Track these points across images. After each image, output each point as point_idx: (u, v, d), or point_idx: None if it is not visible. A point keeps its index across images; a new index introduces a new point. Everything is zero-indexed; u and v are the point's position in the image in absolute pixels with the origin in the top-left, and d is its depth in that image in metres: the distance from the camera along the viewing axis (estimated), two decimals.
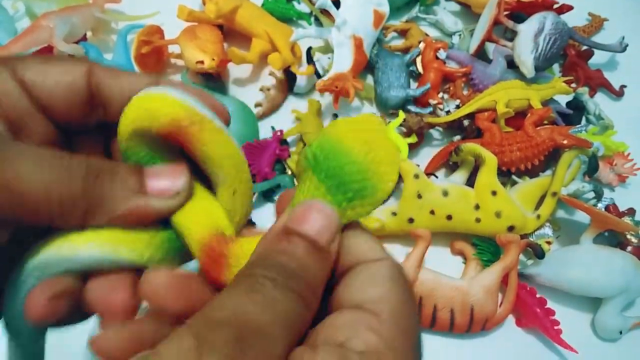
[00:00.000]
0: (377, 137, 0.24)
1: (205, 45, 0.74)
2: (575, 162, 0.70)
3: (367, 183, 0.23)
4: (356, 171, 0.23)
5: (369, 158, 0.23)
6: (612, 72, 0.89)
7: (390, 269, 0.23)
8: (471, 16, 0.88)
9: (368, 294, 0.22)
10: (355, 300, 0.22)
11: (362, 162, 0.23)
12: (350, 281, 0.23)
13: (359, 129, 0.24)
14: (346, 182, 0.23)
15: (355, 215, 0.24)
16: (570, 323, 0.65)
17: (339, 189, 0.23)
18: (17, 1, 0.83)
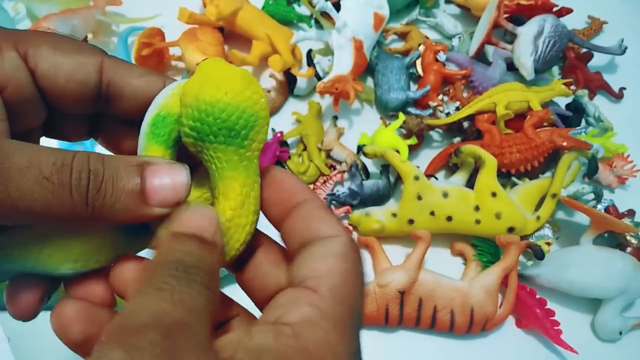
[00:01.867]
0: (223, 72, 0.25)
1: (205, 47, 0.75)
2: (575, 163, 0.70)
3: (247, 112, 0.25)
4: (232, 111, 0.24)
5: (233, 93, 0.24)
6: (611, 74, 0.89)
7: (340, 245, 0.24)
8: (471, 19, 0.89)
9: (311, 270, 0.23)
10: (299, 278, 0.24)
11: (230, 101, 0.24)
12: (300, 259, 0.25)
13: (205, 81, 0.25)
14: (232, 126, 0.24)
15: (260, 143, 0.26)
16: (570, 324, 0.65)
17: (232, 135, 0.25)
18: (18, 3, 0.83)
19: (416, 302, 0.62)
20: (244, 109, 0.24)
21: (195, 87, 0.25)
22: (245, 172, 0.26)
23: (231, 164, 0.25)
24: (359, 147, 0.75)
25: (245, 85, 0.25)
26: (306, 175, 0.72)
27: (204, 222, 0.23)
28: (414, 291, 0.62)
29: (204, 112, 0.24)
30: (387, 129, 0.73)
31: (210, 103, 0.24)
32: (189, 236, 0.23)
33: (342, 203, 0.71)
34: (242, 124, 0.25)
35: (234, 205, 0.25)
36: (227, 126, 0.24)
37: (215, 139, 0.24)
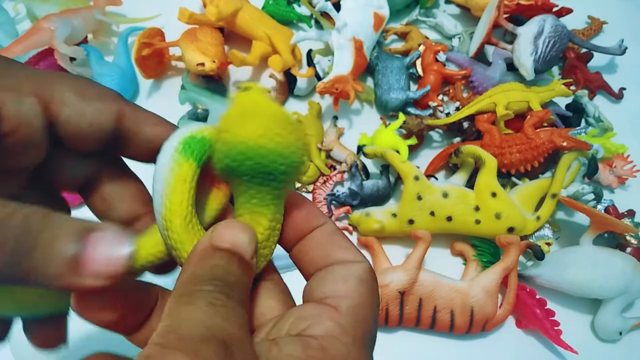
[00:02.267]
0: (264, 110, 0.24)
1: (206, 47, 0.75)
2: (575, 164, 0.70)
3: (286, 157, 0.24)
4: (273, 156, 0.23)
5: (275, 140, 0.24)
6: (611, 74, 0.89)
7: (360, 271, 0.25)
8: (471, 19, 0.89)
9: (333, 290, 0.25)
10: (319, 295, 0.25)
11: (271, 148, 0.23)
12: (320, 278, 0.26)
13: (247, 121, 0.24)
14: (271, 170, 0.24)
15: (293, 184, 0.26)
16: (570, 324, 0.65)
17: (269, 178, 0.24)
18: (18, 3, 0.83)
19: (416, 302, 0.62)
20: (286, 156, 0.24)
21: (236, 124, 0.24)
22: (274, 210, 0.26)
23: (263, 201, 0.25)
24: (359, 147, 0.75)
25: (290, 131, 0.24)
26: (306, 176, 0.72)
27: (245, 241, 0.24)
28: (414, 291, 0.62)
29: (244, 154, 0.23)
30: (387, 129, 0.73)
31: (251, 147, 0.23)
32: (230, 253, 0.23)
33: (342, 203, 0.71)
34: (282, 170, 0.24)
35: (261, 239, 0.25)
36: (266, 171, 0.24)
37: (252, 179, 0.24)
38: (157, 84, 0.81)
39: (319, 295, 0.25)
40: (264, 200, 0.25)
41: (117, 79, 0.75)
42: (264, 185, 0.25)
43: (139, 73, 0.78)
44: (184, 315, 0.20)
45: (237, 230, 0.24)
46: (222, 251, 0.23)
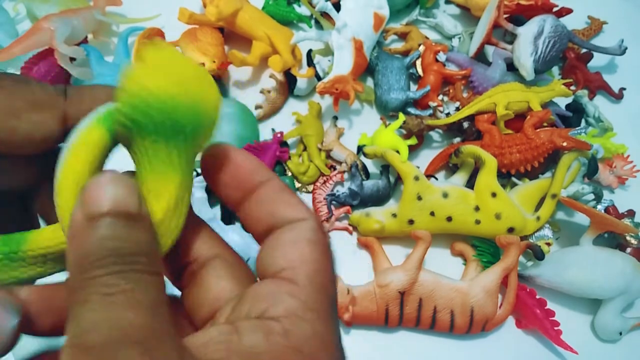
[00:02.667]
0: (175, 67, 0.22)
1: (206, 47, 0.75)
2: (575, 164, 0.70)
3: (196, 109, 0.22)
4: (180, 106, 0.22)
5: (183, 86, 0.22)
6: (611, 74, 0.89)
7: (309, 230, 0.24)
8: (471, 19, 0.89)
9: (285, 260, 0.23)
10: (273, 268, 0.23)
11: (178, 97, 0.22)
12: (271, 246, 0.24)
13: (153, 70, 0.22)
14: (178, 121, 0.22)
15: (204, 144, 0.24)
16: (570, 324, 0.65)
17: (176, 131, 0.22)
18: (18, 3, 0.83)
19: (416, 303, 0.62)
20: (194, 108, 0.22)
21: (142, 74, 0.21)
22: (182, 173, 0.23)
23: (168, 162, 0.22)
24: (359, 147, 0.75)
25: (200, 82, 0.22)
26: (306, 176, 0.72)
27: (122, 192, 0.20)
28: (414, 291, 0.62)
29: (149, 102, 0.21)
30: (387, 129, 0.73)
31: (158, 93, 0.21)
32: (110, 215, 0.19)
33: (342, 203, 0.71)
34: (190, 121, 0.22)
35: (167, 207, 0.23)
36: (173, 122, 0.22)
37: (156, 132, 0.22)
38: None
39: (273, 268, 0.23)
40: (170, 161, 0.22)
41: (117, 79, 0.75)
42: (170, 141, 0.22)
43: None
44: (84, 318, 0.18)
45: (106, 184, 0.20)
46: (101, 217, 0.19)
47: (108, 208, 0.19)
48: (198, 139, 0.23)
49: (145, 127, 0.22)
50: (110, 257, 0.19)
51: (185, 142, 0.22)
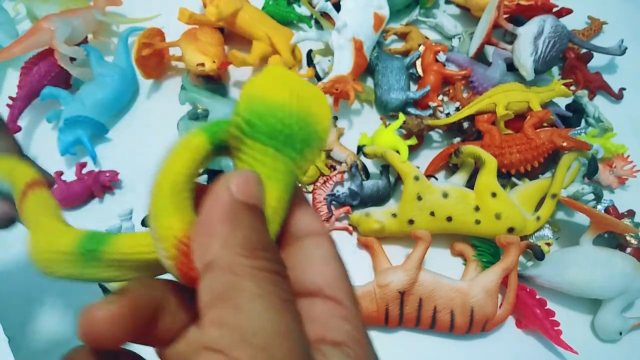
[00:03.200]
0: (296, 83, 0.24)
1: (206, 47, 0.75)
2: (575, 164, 0.70)
3: (309, 127, 0.23)
4: (297, 120, 0.23)
5: (302, 104, 0.23)
6: (611, 74, 0.89)
7: (330, 245, 0.24)
8: (471, 19, 0.89)
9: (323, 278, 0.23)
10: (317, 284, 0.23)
11: (297, 110, 0.23)
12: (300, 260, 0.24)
13: (276, 82, 0.23)
14: (292, 134, 0.22)
15: (309, 164, 0.24)
16: (570, 324, 0.65)
17: (288, 144, 0.23)
18: (18, 3, 0.83)
19: (416, 303, 0.62)
20: (310, 123, 0.23)
21: (266, 85, 0.23)
22: (283, 188, 0.23)
23: (273, 173, 0.23)
24: (359, 147, 0.75)
25: (317, 99, 0.23)
26: (306, 176, 0.72)
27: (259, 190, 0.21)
28: (414, 291, 0.62)
29: (268, 109, 0.22)
30: (387, 129, 0.73)
31: (279, 103, 0.22)
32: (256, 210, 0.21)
33: (342, 203, 0.71)
34: (302, 137, 0.23)
35: (268, 212, 0.23)
36: (287, 132, 0.22)
37: (269, 141, 0.22)
38: (157, 84, 0.81)
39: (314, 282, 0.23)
40: (277, 168, 0.23)
41: (117, 79, 0.75)
42: (279, 151, 0.22)
43: (139, 73, 0.78)
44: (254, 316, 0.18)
45: (253, 179, 0.21)
46: (249, 208, 0.20)
47: (257, 203, 0.21)
48: (305, 155, 0.23)
49: (261, 131, 0.22)
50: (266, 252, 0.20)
51: (293, 155, 0.23)
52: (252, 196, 0.21)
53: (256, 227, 0.20)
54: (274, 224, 0.23)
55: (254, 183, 0.21)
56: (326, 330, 0.22)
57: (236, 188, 0.20)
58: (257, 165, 0.23)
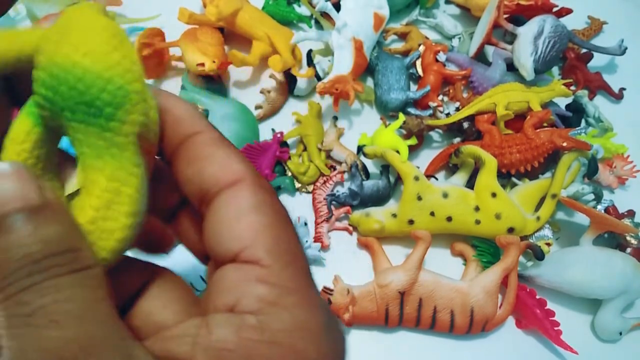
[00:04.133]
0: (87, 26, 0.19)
1: (206, 47, 0.75)
2: (575, 164, 0.70)
3: (113, 83, 0.19)
4: (92, 81, 0.18)
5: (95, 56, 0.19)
6: (611, 74, 0.89)
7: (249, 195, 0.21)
8: (471, 19, 0.89)
9: (238, 239, 0.20)
10: (227, 249, 0.20)
11: (90, 65, 0.18)
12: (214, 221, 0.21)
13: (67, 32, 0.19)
14: (91, 100, 0.18)
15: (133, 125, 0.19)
16: (570, 324, 0.65)
17: (92, 113, 0.19)
18: (18, 3, 0.83)
19: (416, 303, 0.62)
20: (108, 79, 0.18)
21: (52, 43, 0.19)
22: (114, 163, 0.19)
23: (95, 150, 0.19)
24: (359, 147, 0.75)
25: (113, 46, 0.19)
26: (306, 176, 0.72)
27: (15, 185, 0.17)
28: (414, 291, 0.62)
29: (56, 78, 0.18)
30: (387, 129, 0.73)
31: (64, 67, 0.18)
32: (6, 216, 0.17)
33: (342, 203, 0.71)
34: (106, 99, 0.18)
35: (97, 205, 0.19)
36: (85, 100, 0.18)
37: (72, 115, 0.19)
38: (157, 84, 0.81)
39: (226, 250, 0.20)
40: (94, 148, 0.19)
41: None
42: (88, 125, 0.19)
43: None
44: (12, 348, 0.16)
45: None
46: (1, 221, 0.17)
47: (4, 209, 0.17)
48: (123, 120, 0.19)
49: (59, 109, 0.19)
50: (23, 269, 0.16)
51: (108, 125, 0.19)
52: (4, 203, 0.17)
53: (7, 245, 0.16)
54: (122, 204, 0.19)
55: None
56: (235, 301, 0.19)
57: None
58: (82, 146, 0.19)
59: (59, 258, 0.17)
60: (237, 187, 0.21)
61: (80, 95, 0.18)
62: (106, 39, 0.19)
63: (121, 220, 0.19)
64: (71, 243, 0.18)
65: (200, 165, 0.21)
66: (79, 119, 0.19)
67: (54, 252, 0.17)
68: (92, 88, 0.18)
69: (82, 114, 0.19)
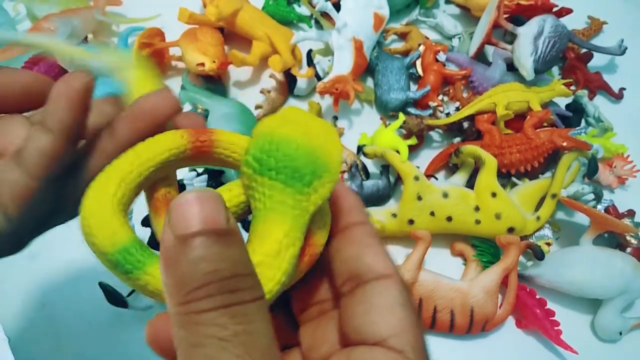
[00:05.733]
0: (306, 119, 0.25)
1: (206, 47, 0.75)
2: (575, 164, 0.70)
3: (318, 161, 0.23)
4: (303, 154, 0.23)
5: (307, 137, 0.23)
6: (611, 74, 0.89)
7: (399, 290, 0.23)
8: (471, 19, 0.89)
9: (387, 327, 0.22)
10: (375, 334, 0.22)
11: (304, 143, 0.23)
12: (364, 306, 0.23)
13: (285, 120, 0.24)
14: (298, 167, 0.23)
15: (320, 198, 0.23)
16: (570, 324, 0.65)
17: (295, 177, 0.23)
18: (18, 3, 0.83)
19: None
20: (317, 155, 0.23)
21: (275, 123, 0.24)
22: (293, 222, 0.22)
23: (282, 207, 0.22)
24: (359, 147, 0.75)
25: (327, 134, 0.24)
26: None
27: (210, 208, 0.19)
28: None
29: (274, 145, 0.23)
30: (387, 129, 0.73)
31: (284, 138, 0.23)
32: (201, 234, 0.18)
33: None
34: (310, 169, 0.23)
35: (268, 252, 0.22)
36: (293, 165, 0.23)
37: (276, 175, 0.23)
38: None
39: (372, 334, 0.22)
40: (282, 205, 0.22)
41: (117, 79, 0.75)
42: (287, 186, 0.23)
43: None
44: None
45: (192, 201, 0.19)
46: (192, 238, 0.18)
47: (198, 227, 0.18)
48: (315, 187, 0.23)
49: (266, 169, 0.23)
50: (211, 285, 0.18)
51: (302, 189, 0.23)
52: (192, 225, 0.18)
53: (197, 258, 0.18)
54: (286, 257, 0.22)
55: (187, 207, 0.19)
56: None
57: (175, 221, 0.18)
58: (265, 200, 0.23)
59: (244, 282, 0.19)
60: (389, 280, 0.24)
61: (291, 161, 0.23)
62: (322, 128, 0.24)
63: (279, 274, 0.22)
64: (251, 268, 0.20)
65: (360, 251, 0.24)
66: (281, 179, 0.22)
67: (240, 273, 0.19)
68: (303, 158, 0.23)
69: (285, 176, 0.22)
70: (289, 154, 0.23)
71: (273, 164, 0.23)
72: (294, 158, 0.23)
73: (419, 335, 0.23)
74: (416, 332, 0.23)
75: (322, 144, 0.24)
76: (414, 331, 0.23)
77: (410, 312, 0.23)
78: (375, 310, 0.23)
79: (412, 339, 0.22)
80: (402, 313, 0.23)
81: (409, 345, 0.22)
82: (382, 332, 0.22)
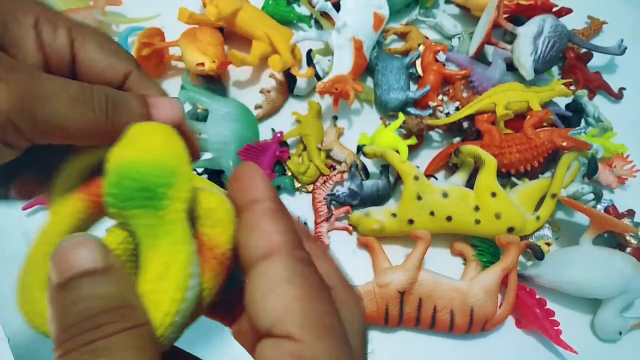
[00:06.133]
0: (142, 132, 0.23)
1: (206, 47, 0.75)
2: (575, 164, 0.70)
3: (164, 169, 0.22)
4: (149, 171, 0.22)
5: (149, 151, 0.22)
6: (611, 74, 0.89)
7: (284, 266, 0.21)
8: (471, 19, 0.89)
9: (272, 313, 0.20)
10: (263, 323, 0.20)
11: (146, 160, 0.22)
12: (252, 295, 0.21)
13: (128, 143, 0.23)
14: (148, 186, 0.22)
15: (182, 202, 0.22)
16: (570, 324, 0.65)
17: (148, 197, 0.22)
18: None
19: (416, 303, 0.62)
20: (159, 165, 0.22)
21: (117, 153, 0.23)
22: (167, 239, 0.22)
23: (151, 230, 0.22)
24: (359, 147, 0.75)
25: (162, 139, 0.23)
26: (306, 176, 0.72)
27: (85, 252, 0.20)
28: (414, 291, 0.62)
29: (121, 175, 0.22)
30: (387, 129, 0.73)
31: (127, 164, 0.22)
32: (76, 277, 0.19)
33: (342, 203, 0.71)
34: (158, 182, 0.22)
35: (151, 278, 0.21)
36: (142, 187, 0.21)
37: (134, 204, 0.22)
38: None
39: (262, 324, 0.20)
40: (150, 229, 0.22)
41: None
42: (146, 209, 0.22)
43: None
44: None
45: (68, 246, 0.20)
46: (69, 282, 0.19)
47: (72, 272, 0.19)
48: (174, 198, 0.22)
49: (123, 202, 0.22)
50: (78, 325, 0.18)
51: (160, 204, 0.22)
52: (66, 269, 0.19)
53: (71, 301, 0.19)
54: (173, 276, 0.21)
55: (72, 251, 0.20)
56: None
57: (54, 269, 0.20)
58: (136, 230, 0.22)
59: (113, 314, 0.19)
60: (271, 259, 0.21)
61: (139, 184, 0.21)
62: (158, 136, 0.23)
63: (169, 294, 0.21)
64: (126, 300, 0.20)
65: (247, 235, 0.22)
66: (139, 205, 0.22)
67: (108, 308, 0.19)
68: (148, 175, 0.22)
69: (140, 200, 0.22)
70: (135, 178, 0.22)
71: (127, 194, 0.22)
72: (141, 180, 0.22)
73: (311, 309, 0.20)
74: (307, 306, 0.20)
75: (163, 150, 0.22)
76: (304, 307, 0.20)
77: (297, 286, 0.20)
78: (259, 297, 0.21)
79: (301, 315, 0.20)
80: (285, 291, 0.20)
81: (296, 325, 0.20)
82: (268, 319, 0.20)
